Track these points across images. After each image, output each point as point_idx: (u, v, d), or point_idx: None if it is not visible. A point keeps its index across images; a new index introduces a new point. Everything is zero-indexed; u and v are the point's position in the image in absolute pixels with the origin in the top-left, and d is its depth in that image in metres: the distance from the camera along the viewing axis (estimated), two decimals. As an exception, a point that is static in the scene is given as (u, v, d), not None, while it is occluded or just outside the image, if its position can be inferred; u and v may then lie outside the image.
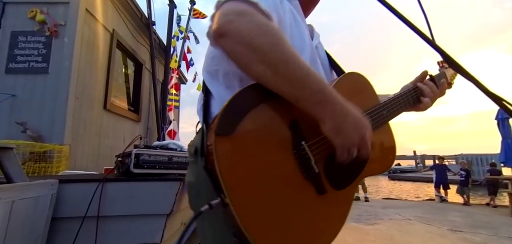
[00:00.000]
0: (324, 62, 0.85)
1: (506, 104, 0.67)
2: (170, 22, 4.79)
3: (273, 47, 0.51)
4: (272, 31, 0.53)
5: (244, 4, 0.56)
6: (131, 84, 4.18)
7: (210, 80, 0.69)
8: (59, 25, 2.60)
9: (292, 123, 0.54)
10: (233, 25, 0.52)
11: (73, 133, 2.56)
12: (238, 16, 0.53)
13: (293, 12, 0.76)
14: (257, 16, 0.54)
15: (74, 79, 2.58)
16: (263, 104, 0.53)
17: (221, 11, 0.56)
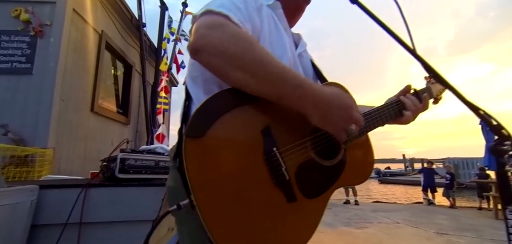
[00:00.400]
0: (308, 71, 0.86)
1: (484, 114, 0.70)
2: (161, 24, 4.75)
3: (246, 51, 0.52)
4: (243, 36, 0.54)
5: (215, 17, 0.57)
6: (120, 86, 4.11)
7: (191, 85, 0.69)
8: (45, 25, 2.53)
9: (265, 129, 0.55)
10: (206, 39, 0.54)
11: (57, 136, 2.49)
12: (210, 30, 0.54)
13: (274, 20, 0.77)
14: (229, 27, 0.55)
15: (60, 80, 2.51)
16: (237, 108, 0.53)
17: (195, 27, 0.57)
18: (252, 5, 0.70)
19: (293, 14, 0.93)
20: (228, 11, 0.59)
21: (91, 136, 3.08)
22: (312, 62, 0.90)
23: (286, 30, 0.83)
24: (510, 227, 0.61)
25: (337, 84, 0.72)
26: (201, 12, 0.60)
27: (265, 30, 0.70)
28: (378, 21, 0.81)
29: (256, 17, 0.68)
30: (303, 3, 0.92)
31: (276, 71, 0.53)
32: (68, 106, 2.67)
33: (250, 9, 0.67)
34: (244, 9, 0.65)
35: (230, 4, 0.62)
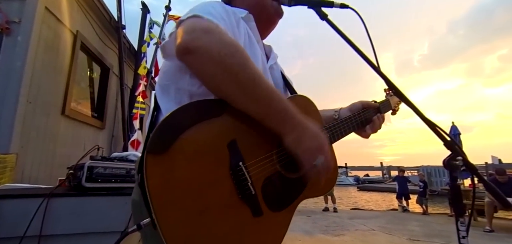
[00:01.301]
0: (278, 82, 0.88)
1: (439, 130, 0.75)
2: (142, 27, 4.64)
3: (242, 67, 0.53)
4: (239, 51, 0.55)
5: (208, 22, 0.57)
6: (96, 89, 3.92)
7: (161, 95, 0.68)
8: (12, 22, 2.37)
9: (231, 143, 0.54)
10: (201, 42, 0.52)
11: (22, 140, 2.31)
12: (205, 34, 0.53)
13: (249, 34, 0.78)
14: (224, 35, 0.55)
15: (27, 81, 2.35)
16: (202, 123, 0.52)
17: (185, 28, 0.55)
18: (232, 18, 0.71)
19: (266, 27, 0.95)
20: (215, 18, 0.59)
21: (61, 140, 2.90)
22: (282, 74, 0.92)
23: (258, 43, 0.85)
24: (462, 237, 0.66)
25: (303, 96, 0.75)
26: (188, 16, 0.60)
27: (241, 44, 0.70)
28: (346, 39, 0.85)
29: (236, 31, 0.69)
30: (276, 17, 0.95)
31: (266, 93, 0.55)
32: (36, 108, 2.50)
33: (232, 22, 0.69)
34: (228, 21, 0.66)
35: (216, 13, 0.63)
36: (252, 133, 0.58)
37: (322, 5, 0.89)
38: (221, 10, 0.66)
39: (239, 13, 0.82)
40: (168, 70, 0.67)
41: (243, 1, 0.92)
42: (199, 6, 0.66)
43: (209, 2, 0.69)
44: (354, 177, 26.71)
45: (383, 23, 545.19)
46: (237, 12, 0.79)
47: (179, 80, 0.64)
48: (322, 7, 0.89)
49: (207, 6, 0.66)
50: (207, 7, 0.65)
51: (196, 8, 0.64)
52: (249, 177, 0.54)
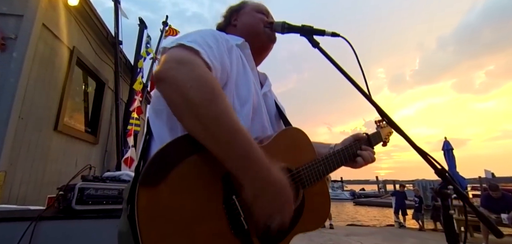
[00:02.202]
0: (271, 110, 0.89)
1: (431, 159, 0.77)
2: (139, 42, 4.68)
3: (206, 103, 0.51)
4: (208, 85, 0.53)
5: (186, 52, 0.58)
6: (90, 103, 3.89)
7: (154, 119, 0.68)
8: (8, 39, 2.37)
9: (225, 176, 0.54)
10: (171, 73, 0.53)
11: (11, 157, 2.26)
12: (178, 65, 0.54)
13: (243, 61, 0.79)
14: (197, 67, 0.55)
15: (20, 97, 2.33)
16: (195, 155, 0.52)
17: (165, 57, 0.57)
18: (224, 45, 0.71)
19: (260, 53, 0.97)
20: (199, 47, 0.60)
21: (52, 156, 2.84)
22: (276, 102, 0.93)
23: (252, 70, 0.86)
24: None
25: (296, 129, 0.75)
26: (172, 45, 0.61)
27: (233, 71, 0.72)
28: (338, 67, 0.87)
29: (226, 58, 0.69)
30: (269, 43, 0.97)
31: (227, 134, 0.51)
32: (28, 124, 2.46)
33: (221, 49, 0.68)
34: (216, 49, 0.66)
35: (202, 40, 0.63)
36: None
37: (314, 33, 0.92)
38: (209, 37, 0.67)
39: (234, 40, 0.83)
40: (160, 94, 0.67)
41: (237, 29, 0.96)
42: (188, 34, 0.67)
43: (201, 30, 0.71)
44: (350, 192, 26.58)
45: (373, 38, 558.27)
46: (231, 40, 0.80)
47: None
48: (314, 35, 0.93)
49: (195, 33, 0.67)
50: (195, 34, 0.66)
51: (184, 36, 0.65)
52: (242, 211, 0.54)
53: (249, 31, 0.92)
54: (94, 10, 3.43)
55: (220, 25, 1.02)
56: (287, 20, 0.92)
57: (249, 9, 0.98)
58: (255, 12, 0.97)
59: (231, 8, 1.02)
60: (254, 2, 1.02)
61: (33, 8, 2.45)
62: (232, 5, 1.03)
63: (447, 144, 9.79)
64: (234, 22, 0.98)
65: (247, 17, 0.96)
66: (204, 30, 0.72)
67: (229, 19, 1.00)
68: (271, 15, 1.02)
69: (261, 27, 0.93)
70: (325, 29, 0.92)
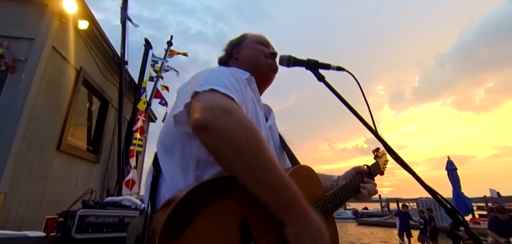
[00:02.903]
0: (276, 143, 0.89)
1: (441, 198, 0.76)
2: (144, 62, 4.78)
3: (256, 154, 0.52)
4: (256, 135, 0.55)
5: (226, 100, 0.57)
6: (94, 122, 3.92)
7: (163, 156, 0.66)
8: (18, 61, 2.43)
9: (242, 223, 0.53)
10: (220, 123, 0.52)
11: (13, 178, 2.25)
12: (225, 114, 0.53)
13: (253, 99, 0.79)
14: (243, 117, 0.55)
15: (26, 118, 2.35)
16: (213, 204, 0.51)
17: (204, 104, 0.55)
18: (242, 85, 0.71)
19: (262, 85, 0.99)
20: (231, 92, 0.59)
21: (53, 176, 2.83)
22: (279, 134, 0.94)
23: (259, 103, 0.87)
24: None
25: (306, 167, 0.75)
26: (204, 89, 0.58)
27: (249, 108, 0.72)
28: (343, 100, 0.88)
29: (245, 94, 0.70)
30: (271, 73, 0.99)
31: (275, 182, 0.54)
32: (32, 144, 2.47)
33: (242, 89, 0.70)
34: (239, 91, 0.66)
35: (229, 84, 0.63)
36: (263, 209, 0.57)
37: (319, 67, 0.94)
38: (232, 79, 0.67)
39: (242, 74, 0.83)
40: (174, 132, 0.65)
41: (239, 62, 0.96)
42: (211, 76, 0.65)
43: (221, 71, 0.70)
44: (352, 210, 25.96)
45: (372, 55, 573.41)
46: (241, 74, 0.80)
47: (186, 144, 0.63)
48: (320, 69, 0.95)
49: (220, 76, 0.66)
50: (221, 77, 0.65)
51: (210, 78, 0.63)
52: None
53: (252, 64, 0.93)
54: (102, 32, 3.53)
55: (221, 58, 1.03)
56: (287, 35, 0.93)
57: (249, 41, 1.00)
58: (256, 44, 0.98)
59: (232, 42, 1.03)
60: (255, 34, 1.04)
61: (44, 31, 2.54)
62: (233, 39, 1.05)
63: (450, 163, 9.65)
64: (236, 55, 0.99)
65: (248, 50, 0.97)
66: (222, 69, 0.71)
67: (231, 53, 1.01)
68: (271, 46, 1.04)
69: (262, 59, 0.95)
70: (330, 63, 0.94)
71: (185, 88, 0.71)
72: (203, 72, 0.71)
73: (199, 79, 0.65)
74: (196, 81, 0.66)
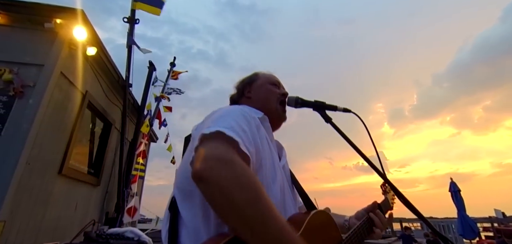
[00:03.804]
0: (288, 180, 0.89)
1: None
2: (147, 84, 4.85)
3: (251, 204, 0.51)
4: (251, 185, 0.53)
5: (225, 147, 0.57)
6: (96, 144, 3.92)
7: (182, 201, 0.66)
8: (27, 86, 2.48)
9: None
10: (213, 173, 0.52)
11: (13, 205, 2.22)
12: (219, 163, 0.53)
13: (267, 139, 0.80)
14: (237, 166, 0.54)
15: (30, 142, 2.36)
16: None
17: (202, 153, 0.55)
18: (253, 125, 0.71)
19: (275, 124, 1.00)
20: (237, 135, 0.59)
21: (53, 201, 2.79)
22: (291, 173, 0.94)
23: (272, 142, 0.88)
24: None
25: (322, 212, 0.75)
26: (211, 131, 0.59)
27: (264, 151, 0.72)
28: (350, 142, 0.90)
29: (257, 138, 0.70)
30: (284, 114, 1.00)
31: (274, 234, 0.51)
32: (34, 169, 2.46)
33: (253, 130, 0.69)
34: (249, 132, 0.65)
35: (237, 126, 0.62)
36: None
37: (326, 108, 0.97)
38: (241, 120, 0.67)
39: (255, 114, 0.83)
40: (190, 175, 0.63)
41: (251, 101, 0.98)
42: (221, 117, 0.65)
43: (231, 112, 0.70)
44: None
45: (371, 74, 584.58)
46: (254, 114, 0.80)
47: None
48: (327, 110, 0.97)
49: (228, 117, 0.66)
50: (228, 119, 0.65)
51: (219, 120, 0.64)
52: None
53: (264, 106, 0.94)
54: (108, 57, 3.63)
55: (233, 96, 1.05)
56: (286, 54, 0.96)
57: (261, 81, 1.02)
58: (268, 85, 1.00)
59: (244, 81, 1.05)
60: (266, 74, 1.07)
61: (54, 58, 2.61)
62: (244, 78, 1.07)
63: (453, 185, 9.49)
64: (248, 95, 1.00)
65: (260, 90, 0.99)
66: (233, 110, 0.71)
67: (243, 91, 1.02)
68: (282, 86, 1.07)
69: (274, 100, 0.97)
70: (337, 105, 0.96)
71: (198, 130, 0.71)
72: (216, 112, 0.72)
73: (210, 120, 0.66)
74: (207, 122, 0.68)
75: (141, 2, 4.08)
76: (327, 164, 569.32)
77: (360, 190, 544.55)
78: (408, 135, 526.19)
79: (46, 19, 2.64)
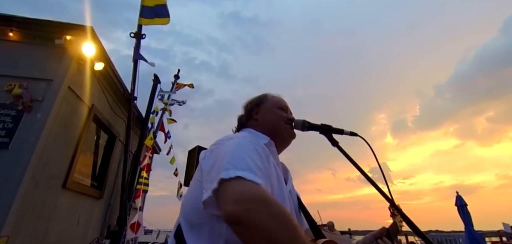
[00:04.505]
0: (295, 205, 0.89)
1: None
2: (152, 97, 4.91)
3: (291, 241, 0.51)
4: (289, 222, 0.53)
5: (255, 188, 0.56)
6: (99, 156, 3.95)
7: (189, 231, 0.66)
8: (36, 101, 2.53)
9: None
10: (252, 216, 0.51)
11: (17, 220, 2.22)
12: (256, 205, 0.53)
13: (276, 167, 0.80)
14: (274, 205, 0.54)
15: (37, 156, 2.39)
16: None
17: (233, 195, 0.55)
18: (264, 157, 0.70)
19: (280, 148, 1.01)
20: (256, 176, 0.58)
21: (56, 215, 2.78)
22: (298, 197, 0.95)
23: (278, 166, 0.89)
24: None
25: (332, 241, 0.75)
26: (231, 176, 0.57)
27: (273, 180, 0.72)
28: (356, 166, 0.90)
29: (268, 169, 0.69)
30: (289, 139, 1.01)
31: None
32: (39, 183, 2.47)
33: (266, 164, 0.68)
34: (263, 167, 0.65)
35: (255, 166, 0.62)
36: None
37: (333, 132, 0.98)
38: (256, 156, 0.66)
39: (261, 139, 0.86)
40: (199, 207, 0.64)
41: (259, 124, 0.99)
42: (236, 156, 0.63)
43: (243, 147, 0.69)
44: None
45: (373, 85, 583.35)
46: (260, 140, 0.82)
47: (215, 223, 0.63)
48: (333, 134, 0.99)
49: (244, 155, 0.64)
50: (245, 157, 0.63)
51: (234, 161, 0.62)
52: None
53: (271, 129, 0.96)
54: (115, 71, 3.70)
55: (241, 118, 1.06)
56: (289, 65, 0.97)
57: (269, 105, 1.03)
58: (276, 109, 1.02)
59: (252, 102, 1.06)
60: (274, 96, 1.08)
61: (62, 73, 2.67)
62: (253, 99, 1.08)
63: (460, 199, 9.31)
64: (256, 116, 1.02)
65: (268, 113, 1.00)
66: (245, 144, 0.70)
67: (251, 113, 1.03)
68: (290, 110, 1.08)
69: (282, 125, 0.98)
70: (343, 128, 0.98)
71: (208, 162, 0.71)
72: (226, 147, 0.70)
73: (223, 158, 0.65)
74: (220, 158, 0.66)
75: (148, 18, 4.18)
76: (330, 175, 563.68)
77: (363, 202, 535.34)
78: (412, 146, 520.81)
79: (57, 36, 2.72)
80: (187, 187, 2.79)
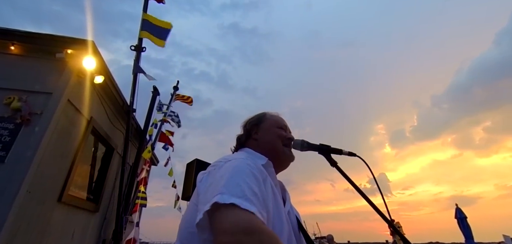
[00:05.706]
0: (294, 226, 0.88)
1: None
2: (150, 109, 4.91)
3: None
4: None
5: (248, 217, 0.56)
6: (96, 169, 3.91)
7: None
8: (34, 114, 2.53)
9: None
10: None
11: (10, 234, 2.18)
12: (247, 237, 0.52)
13: (273, 189, 0.80)
14: (265, 235, 0.54)
15: (33, 170, 2.36)
16: None
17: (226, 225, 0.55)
18: (261, 181, 0.70)
19: (283, 165, 1.01)
20: (251, 204, 0.58)
21: (50, 229, 2.73)
22: (297, 218, 0.94)
23: (276, 187, 0.88)
24: None
25: None
26: (225, 202, 0.57)
27: (270, 205, 0.71)
28: (355, 186, 0.91)
29: (265, 193, 0.69)
30: (288, 162, 1.01)
31: None
32: (34, 197, 2.44)
33: (263, 189, 0.68)
34: (259, 193, 0.65)
35: (250, 192, 0.62)
36: None
37: (331, 152, 0.99)
38: (252, 181, 0.66)
39: (259, 160, 0.87)
40: (194, 231, 0.64)
41: (258, 144, 0.99)
42: (232, 182, 0.64)
43: (239, 170, 0.69)
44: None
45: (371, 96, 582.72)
46: (258, 161, 0.82)
47: None
48: (332, 154, 0.99)
49: (240, 181, 0.64)
50: (241, 184, 0.63)
51: (230, 185, 0.62)
52: None
53: (270, 149, 0.96)
54: (115, 84, 3.71)
55: (240, 138, 1.06)
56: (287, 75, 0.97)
57: (268, 124, 1.03)
58: (275, 128, 1.02)
59: (251, 122, 1.06)
60: (273, 115, 1.09)
61: (62, 86, 2.68)
62: (252, 118, 1.08)
63: (459, 212, 9.26)
64: (255, 136, 1.02)
65: (267, 134, 1.00)
66: (241, 168, 0.70)
67: (250, 133, 1.04)
68: (289, 129, 1.09)
69: (281, 147, 0.98)
70: (342, 148, 0.98)
71: (205, 185, 0.71)
72: (224, 170, 0.70)
73: (219, 181, 0.65)
74: (216, 181, 0.66)
75: (149, 33, 4.24)
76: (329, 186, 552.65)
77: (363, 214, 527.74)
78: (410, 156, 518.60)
79: (58, 50, 2.75)
80: (185, 201, 2.73)
